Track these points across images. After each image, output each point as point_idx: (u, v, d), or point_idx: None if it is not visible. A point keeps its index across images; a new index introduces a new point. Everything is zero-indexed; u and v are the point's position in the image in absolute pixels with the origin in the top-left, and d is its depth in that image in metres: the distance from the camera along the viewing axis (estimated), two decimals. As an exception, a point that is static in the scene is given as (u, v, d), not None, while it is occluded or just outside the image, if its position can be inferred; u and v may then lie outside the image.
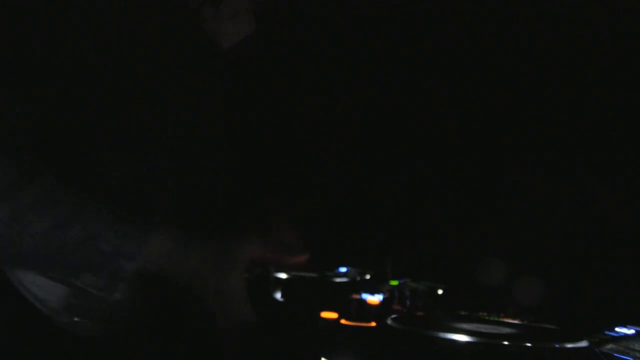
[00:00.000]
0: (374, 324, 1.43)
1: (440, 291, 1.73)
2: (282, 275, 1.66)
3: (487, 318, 1.58)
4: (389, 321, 1.44)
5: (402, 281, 1.73)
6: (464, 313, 1.63)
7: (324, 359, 1.28)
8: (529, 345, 1.29)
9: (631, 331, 1.48)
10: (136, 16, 1.42)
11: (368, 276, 1.80)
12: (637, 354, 1.29)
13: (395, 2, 2.17)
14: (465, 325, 1.42)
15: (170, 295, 1.40)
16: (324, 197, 1.93)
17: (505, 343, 1.29)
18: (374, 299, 1.60)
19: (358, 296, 1.59)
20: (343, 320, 1.44)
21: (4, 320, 1.40)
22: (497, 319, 1.59)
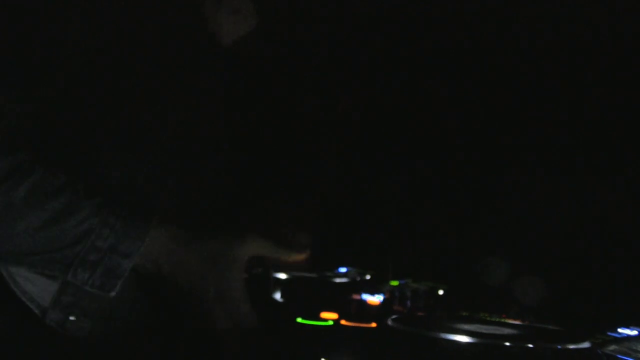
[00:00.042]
0: (374, 324, 1.43)
1: (441, 291, 1.73)
2: (282, 275, 1.66)
3: (489, 319, 1.58)
4: (390, 322, 1.44)
5: (403, 281, 1.73)
6: (465, 314, 1.63)
7: (323, 360, 1.28)
8: (531, 346, 1.29)
9: (634, 332, 1.47)
10: (136, 16, 1.42)
11: (368, 276, 1.80)
12: (640, 355, 1.29)
13: (395, 2, 2.16)
14: (466, 326, 1.42)
15: (170, 295, 1.39)
16: (324, 197, 1.92)
17: (507, 344, 1.29)
18: (374, 300, 1.59)
19: (358, 297, 1.59)
20: (343, 321, 1.43)
21: (4, 320, 1.40)
22: (499, 319, 1.58)
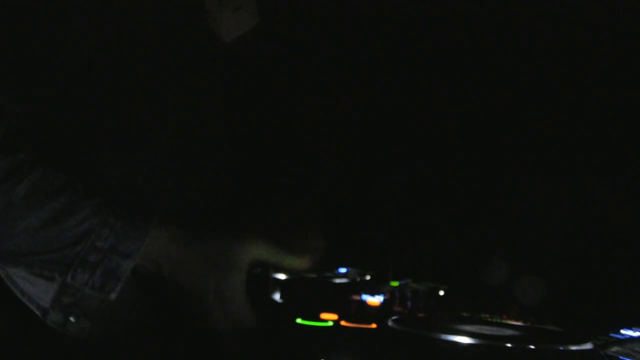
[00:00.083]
0: (374, 325, 1.42)
1: (441, 292, 1.72)
2: (281, 275, 1.66)
3: (490, 319, 1.58)
4: (390, 323, 1.44)
5: (403, 282, 1.72)
6: (466, 314, 1.62)
7: (323, 361, 1.28)
8: (532, 347, 1.28)
9: (637, 333, 1.46)
10: (136, 16, 1.41)
11: (368, 277, 1.79)
12: (643, 357, 1.28)
13: (395, 2, 2.16)
14: (467, 327, 1.41)
15: (170, 295, 1.39)
16: (324, 197, 1.92)
17: (508, 345, 1.28)
18: (375, 300, 1.59)
19: (358, 297, 1.59)
20: (343, 322, 1.43)
21: (4, 320, 1.40)
22: (500, 320, 1.58)
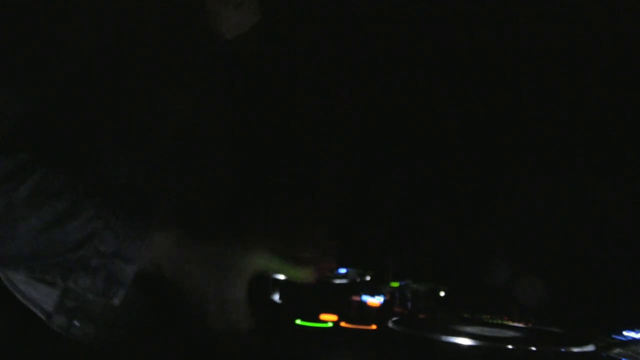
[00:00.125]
0: (374, 326, 1.42)
1: (442, 293, 1.72)
2: (281, 276, 1.65)
3: (491, 321, 1.57)
4: (390, 324, 1.43)
5: (403, 282, 1.72)
6: (467, 315, 1.62)
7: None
8: (534, 349, 1.28)
9: (639, 335, 1.46)
10: (136, 16, 1.41)
11: (368, 277, 1.78)
12: (645, 358, 1.28)
13: (395, 2, 2.16)
14: (468, 328, 1.41)
15: (170, 296, 1.38)
16: (324, 198, 1.92)
17: (510, 347, 1.28)
18: (375, 301, 1.58)
19: (358, 298, 1.58)
20: (343, 323, 1.43)
21: (4, 321, 1.39)
22: (501, 321, 1.58)
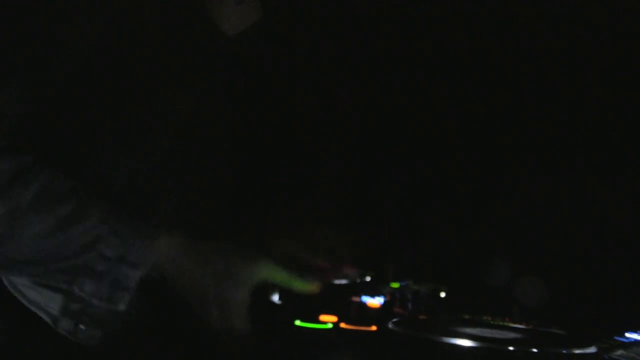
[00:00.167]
0: (374, 327, 1.42)
1: (442, 293, 1.71)
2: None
3: (492, 322, 1.57)
4: (390, 325, 1.43)
5: (404, 283, 1.71)
6: (468, 317, 1.62)
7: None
8: (535, 350, 1.28)
9: (642, 337, 1.46)
10: (136, 16, 1.41)
11: (368, 278, 1.78)
12: (648, 360, 1.28)
13: (396, 2, 2.16)
14: (469, 330, 1.41)
15: (170, 296, 1.38)
16: (325, 198, 1.91)
17: (511, 348, 1.28)
18: (375, 302, 1.58)
19: (358, 299, 1.57)
20: (343, 324, 1.42)
21: (4, 321, 1.39)
22: (502, 323, 1.58)
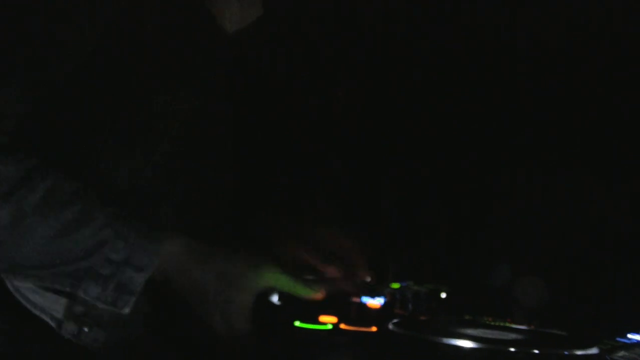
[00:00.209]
0: (374, 328, 1.41)
1: (443, 294, 1.71)
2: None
3: (493, 323, 1.57)
4: (391, 326, 1.42)
5: (404, 284, 1.71)
6: (469, 318, 1.62)
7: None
8: (537, 352, 1.27)
9: (644, 338, 1.46)
10: (136, 16, 1.40)
11: (368, 278, 1.77)
12: (650, 361, 1.27)
13: (395, 2, 2.16)
14: (470, 331, 1.40)
15: (171, 297, 1.38)
16: (325, 197, 1.91)
17: (512, 350, 1.27)
18: (375, 303, 1.57)
19: (358, 299, 1.57)
20: (342, 325, 1.42)
21: (4, 321, 1.38)
22: (503, 324, 1.57)
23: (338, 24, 1.97)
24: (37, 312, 1.33)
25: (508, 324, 1.57)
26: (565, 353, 1.29)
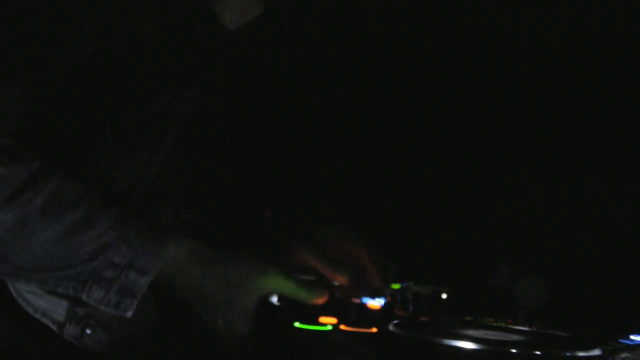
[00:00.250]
0: (375, 329, 1.41)
1: (444, 295, 1.70)
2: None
3: (494, 324, 1.57)
4: (391, 327, 1.42)
5: (405, 284, 1.70)
6: (470, 319, 1.61)
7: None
8: (539, 353, 1.27)
9: (646, 339, 1.45)
10: (136, 16, 1.40)
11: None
12: (653, 363, 1.27)
13: (396, 2, 2.16)
14: (470, 332, 1.40)
15: (171, 297, 1.37)
16: (327, 197, 1.91)
17: (513, 351, 1.27)
18: (375, 303, 1.57)
19: (358, 300, 1.56)
20: (342, 326, 1.41)
21: (5, 321, 1.38)
22: (505, 325, 1.57)
23: (341, 23, 1.96)
24: (38, 316, 1.33)
25: (509, 325, 1.56)
26: (567, 354, 1.28)
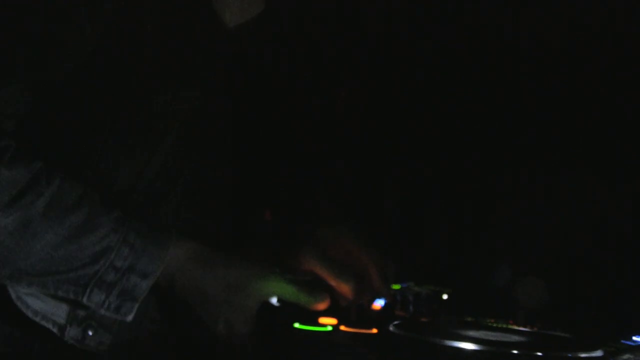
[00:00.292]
0: (375, 330, 1.41)
1: (445, 296, 1.70)
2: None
3: (495, 325, 1.56)
4: (391, 327, 1.42)
5: (405, 285, 1.70)
6: (470, 319, 1.61)
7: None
8: (540, 354, 1.27)
9: (649, 340, 1.45)
10: (136, 16, 1.40)
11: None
12: (655, 364, 1.27)
13: (396, 2, 2.16)
14: (471, 333, 1.40)
15: (171, 298, 1.37)
16: (327, 197, 1.91)
17: (515, 352, 1.27)
18: (375, 304, 1.57)
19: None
20: (343, 327, 1.41)
21: (3, 324, 1.38)
22: (506, 326, 1.57)
23: (341, 23, 1.97)
24: (38, 319, 1.32)
25: (510, 326, 1.56)
26: (569, 355, 1.28)
